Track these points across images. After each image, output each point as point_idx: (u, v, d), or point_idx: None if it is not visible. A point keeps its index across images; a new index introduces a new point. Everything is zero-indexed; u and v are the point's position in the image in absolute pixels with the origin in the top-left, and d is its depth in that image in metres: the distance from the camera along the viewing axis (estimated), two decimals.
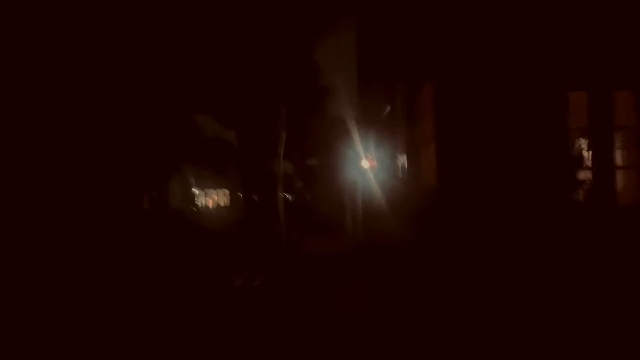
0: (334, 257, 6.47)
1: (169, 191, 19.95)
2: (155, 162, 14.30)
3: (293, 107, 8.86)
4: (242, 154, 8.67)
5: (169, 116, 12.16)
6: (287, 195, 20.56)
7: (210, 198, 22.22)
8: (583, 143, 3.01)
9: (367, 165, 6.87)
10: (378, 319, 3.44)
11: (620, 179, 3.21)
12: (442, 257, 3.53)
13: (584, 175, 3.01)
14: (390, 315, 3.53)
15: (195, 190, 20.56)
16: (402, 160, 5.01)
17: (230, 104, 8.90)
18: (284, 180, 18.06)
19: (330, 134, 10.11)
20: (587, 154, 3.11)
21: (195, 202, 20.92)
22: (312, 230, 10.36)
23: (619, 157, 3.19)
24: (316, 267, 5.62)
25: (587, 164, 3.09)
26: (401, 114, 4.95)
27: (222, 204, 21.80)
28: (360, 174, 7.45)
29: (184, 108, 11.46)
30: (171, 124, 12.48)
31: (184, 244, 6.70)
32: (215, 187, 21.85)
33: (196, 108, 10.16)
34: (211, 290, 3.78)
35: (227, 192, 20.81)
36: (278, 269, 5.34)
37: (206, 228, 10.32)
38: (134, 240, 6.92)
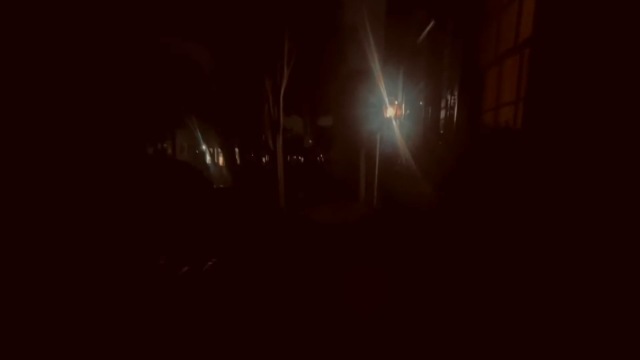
0: (342, 227, 5.29)
1: (175, 145, 19.10)
2: (161, 114, 13.11)
3: (302, 47, 7.05)
4: (238, 100, 7.19)
5: (173, 65, 10.76)
6: (299, 157, 19.28)
7: (221, 155, 21.34)
8: None
9: (392, 113, 5.32)
10: (388, 326, 2.26)
11: None
12: (499, 237, 2.21)
13: None
14: (411, 320, 2.33)
15: (205, 147, 19.60)
16: (448, 99, 3.48)
17: (229, 38, 7.19)
18: (294, 139, 16.62)
19: (347, 80, 8.39)
20: None
21: (204, 158, 20.06)
22: (322, 194, 9.18)
23: None
24: (317, 240, 4.46)
25: None
26: (455, 28, 3.32)
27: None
28: (382, 126, 5.93)
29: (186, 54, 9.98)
30: (175, 73, 11.10)
31: (168, 200, 5.61)
32: (231, 145, 20.80)
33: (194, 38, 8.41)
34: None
35: (237, 150, 19.82)
36: (258, 243, 4.22)
37: (205, 186, 9.28)
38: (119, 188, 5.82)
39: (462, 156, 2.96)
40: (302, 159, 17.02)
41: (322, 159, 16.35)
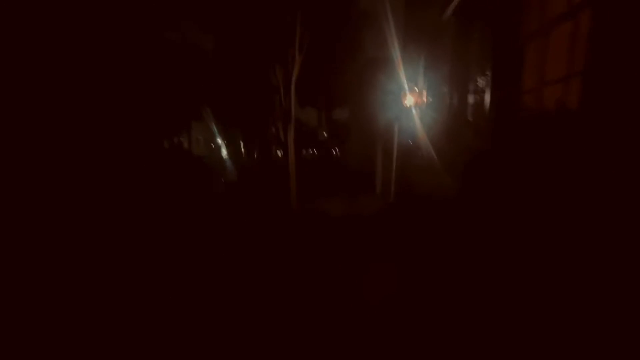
0: (356, 222, 5.00)
1: (190, 138, 19.31)
2: (177, 110, 13.12)
3: (316, 33, 6.63)
4: (247, 90, 6.92)
5: (184, 55, 10.65)
6: (313, 150, 18.97)
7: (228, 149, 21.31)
8: None
9: (412, 101, 4.93)
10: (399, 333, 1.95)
11: None
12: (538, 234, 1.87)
13: None
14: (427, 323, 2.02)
15: (220, 140, 19.66)
16: (478, 82, 3.08)
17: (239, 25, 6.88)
18: (308, 132, 16.32)
19: (364, 68, 7.97)
20: None
21: (220, 151, 20.14)
22: (337, 189, 8.89)
23: None
24: (327, 235, 4.20)
25: None
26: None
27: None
28: (401, 115, 5.53)
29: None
30: (185, 64, 11.00)
31: (178, 193, 5.51)
32: (242, 138, 20.81)
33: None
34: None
35: (241, 143, 19.66)
36: (265, 238, 3.99)
37: (216, 178, 9.21)
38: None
39: (496, 145, 2.58)
40: (317, 152, 16.72)
41: (338, 152, 15.99)
